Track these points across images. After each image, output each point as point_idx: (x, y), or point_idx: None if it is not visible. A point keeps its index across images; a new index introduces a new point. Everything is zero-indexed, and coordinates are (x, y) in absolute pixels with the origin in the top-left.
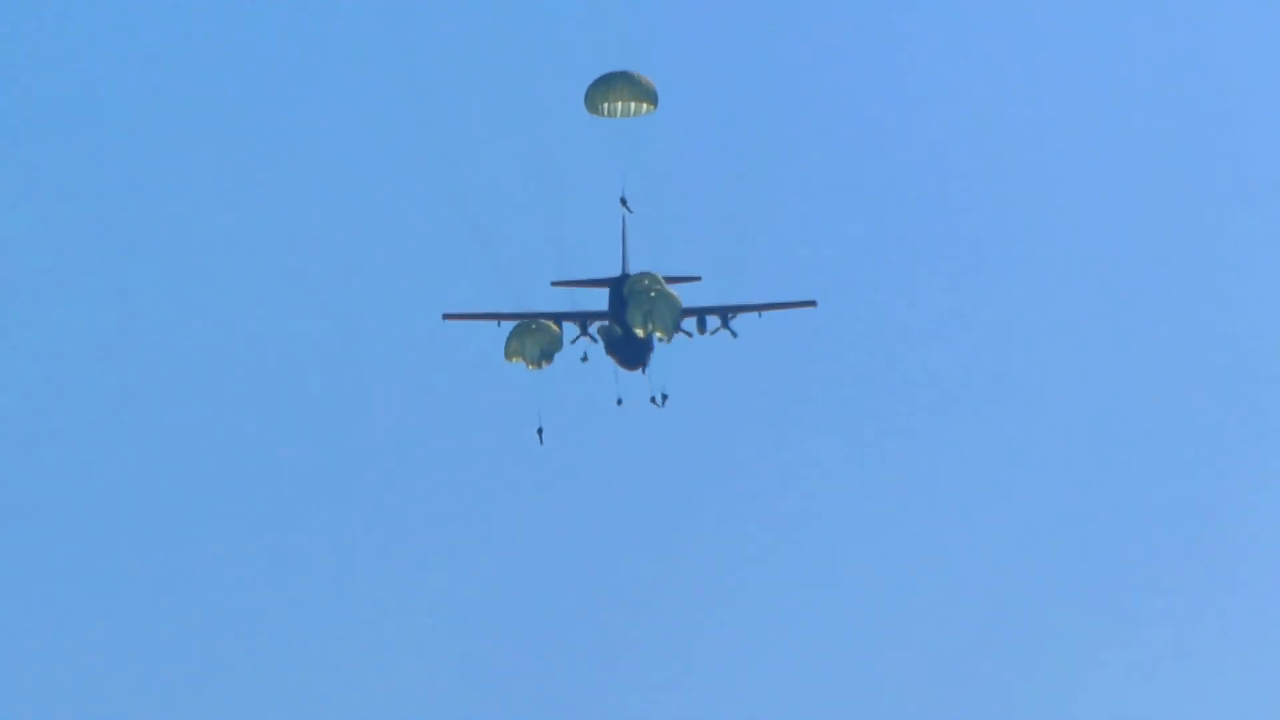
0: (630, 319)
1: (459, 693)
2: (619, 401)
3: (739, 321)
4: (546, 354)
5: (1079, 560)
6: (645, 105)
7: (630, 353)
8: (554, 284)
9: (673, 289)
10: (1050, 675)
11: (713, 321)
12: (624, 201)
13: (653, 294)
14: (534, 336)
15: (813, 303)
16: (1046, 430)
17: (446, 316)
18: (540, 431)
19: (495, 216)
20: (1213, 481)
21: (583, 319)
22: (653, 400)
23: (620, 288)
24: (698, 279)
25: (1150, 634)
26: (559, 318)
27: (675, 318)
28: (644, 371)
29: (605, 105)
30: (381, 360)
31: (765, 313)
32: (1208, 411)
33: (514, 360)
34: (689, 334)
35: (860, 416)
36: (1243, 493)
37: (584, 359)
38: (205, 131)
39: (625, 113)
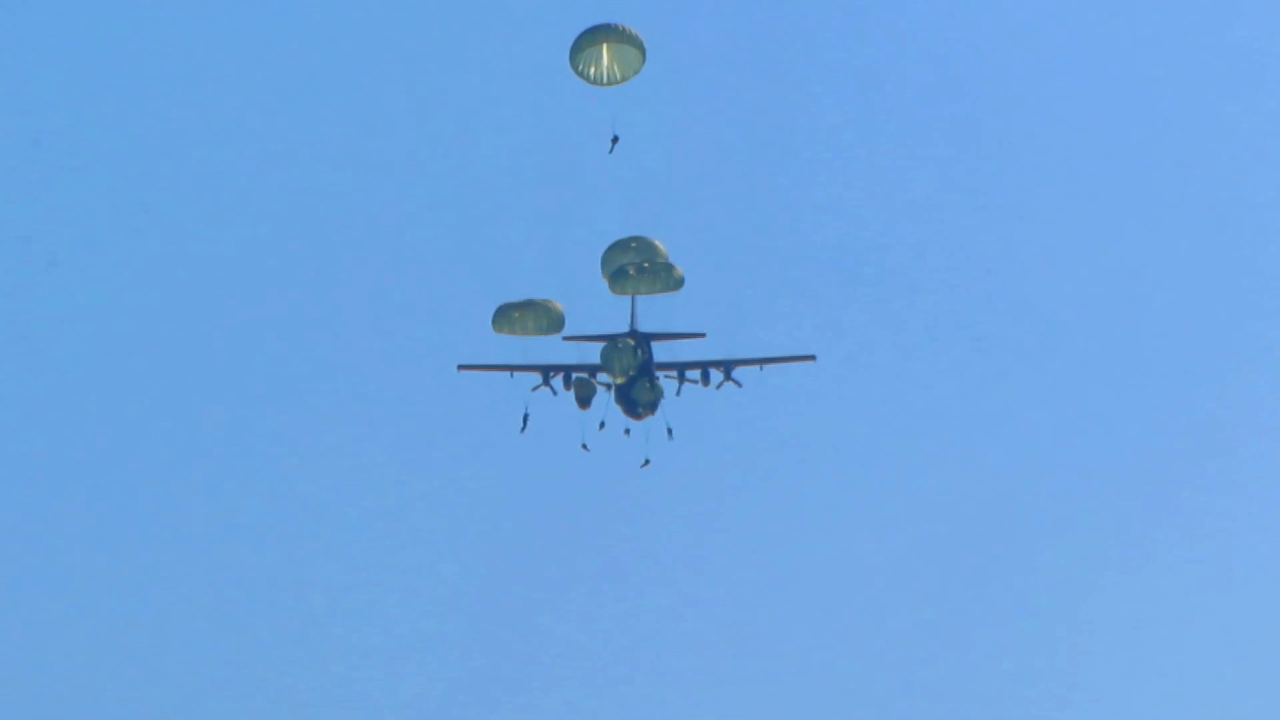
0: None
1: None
2: (626, 432)
3: (740, 373)
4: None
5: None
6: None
7: (634, 401)
8: (565, 339)
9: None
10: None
11: (716, 375)
12: (614, 140)
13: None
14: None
15: (812, 357)
16: (1042, 484)
17: (461, 367)
18: (526, 418)
19: (510, 272)
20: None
21: (592, 370)
22: (669, 431)
23: (624, 340)
24: (702, 335)
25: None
26: (570, 369)
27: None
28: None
29: (588, 65)
30: (398, 409)
31: (765, 366)
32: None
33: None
34: (694, 382)
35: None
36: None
37: (601, 425)
38: (217, 168)
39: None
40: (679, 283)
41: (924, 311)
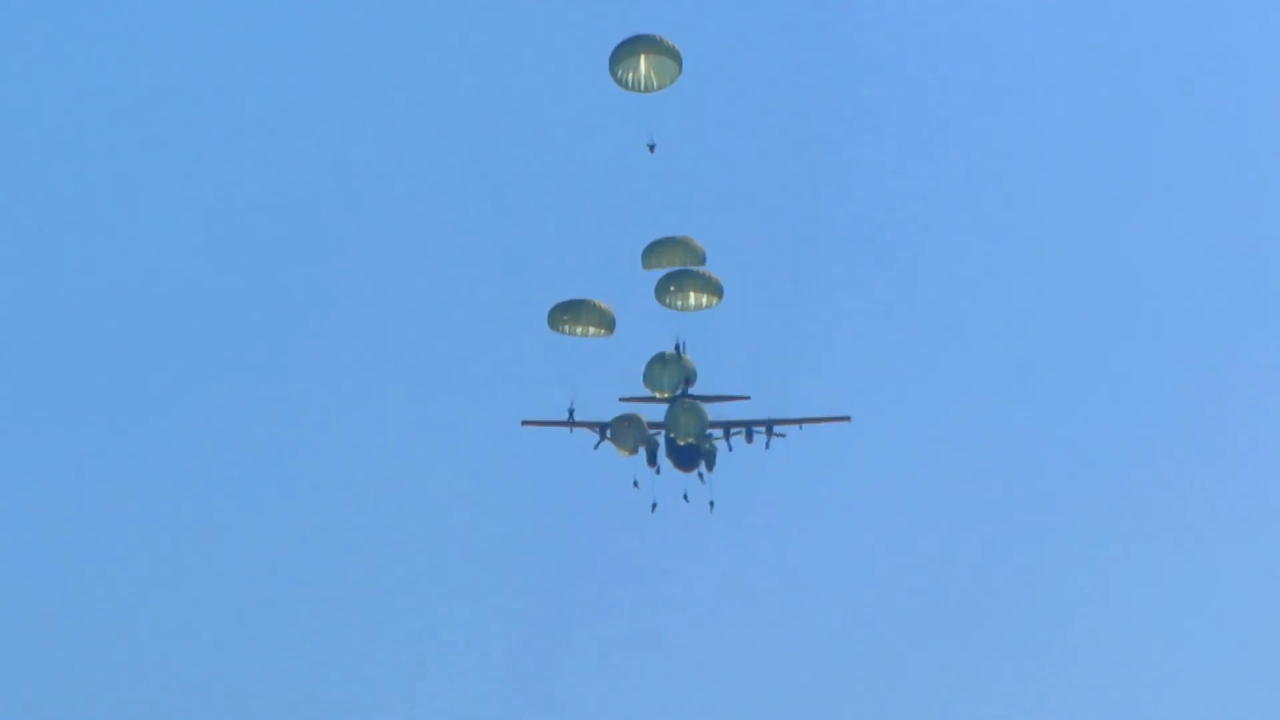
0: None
1: None
2: (653, 506)
3: (779, 432)
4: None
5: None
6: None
7: (685, 455)
8: (622, 399)
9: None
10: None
11: (758, 433)
12: (651, 148)
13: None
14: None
15: (847, 418)
16: (1071, 539)
17: (525, 423)
18: (571, 413)
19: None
20: None
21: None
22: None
23: (678, 402)
24: (747, 398)
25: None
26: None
27: (699, 424)
28: (701, 477)
29: (627, 73)
30: (464, 462)
31: (804, 426)
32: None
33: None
34: (731, 448)
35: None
36: None
37: (634, 485)
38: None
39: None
40: (719, 289)
41: (961, 362)
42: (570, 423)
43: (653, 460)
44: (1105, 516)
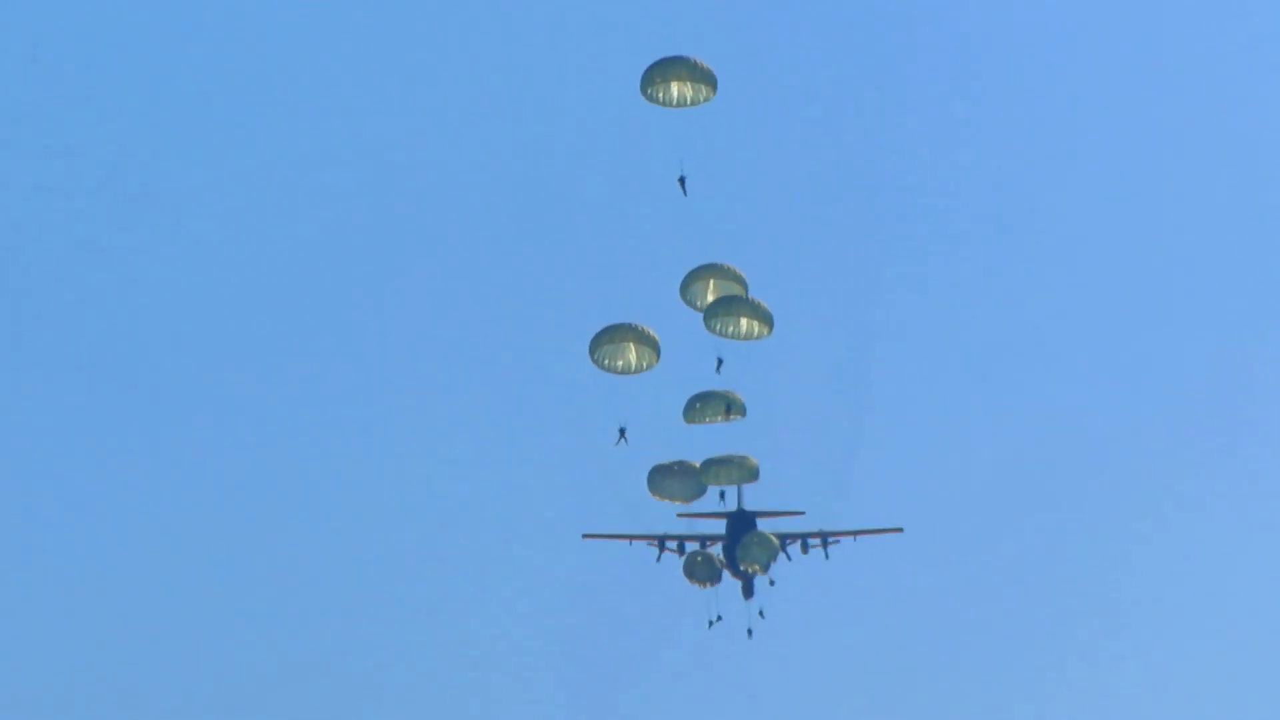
0: (738, 556)
1: None
2: (714, 620)
3: (834, 546)
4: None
5: None
6: (705, 90)
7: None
8: (679, 515)
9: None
10: None
11: (813, 544)
12: (682, 182)
13: (754, 540)
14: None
15: (899, 529)
16: (1126, 655)
17: (586, 536)
18: (622, 431)
19: (632, 455)
20: None
21: (703, 540)
22: (760, 613)
23: (734, 520)
24: (801, 513)
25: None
26: (683, 539)
27: (770, 556)
28: (748, 596)
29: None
30: (527, 575)
31: (858, 537)
32: None
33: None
34: (789, 558)
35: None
36: None
37: (717, 620)
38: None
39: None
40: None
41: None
42: (631, 535)
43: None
44: (1161, 623)
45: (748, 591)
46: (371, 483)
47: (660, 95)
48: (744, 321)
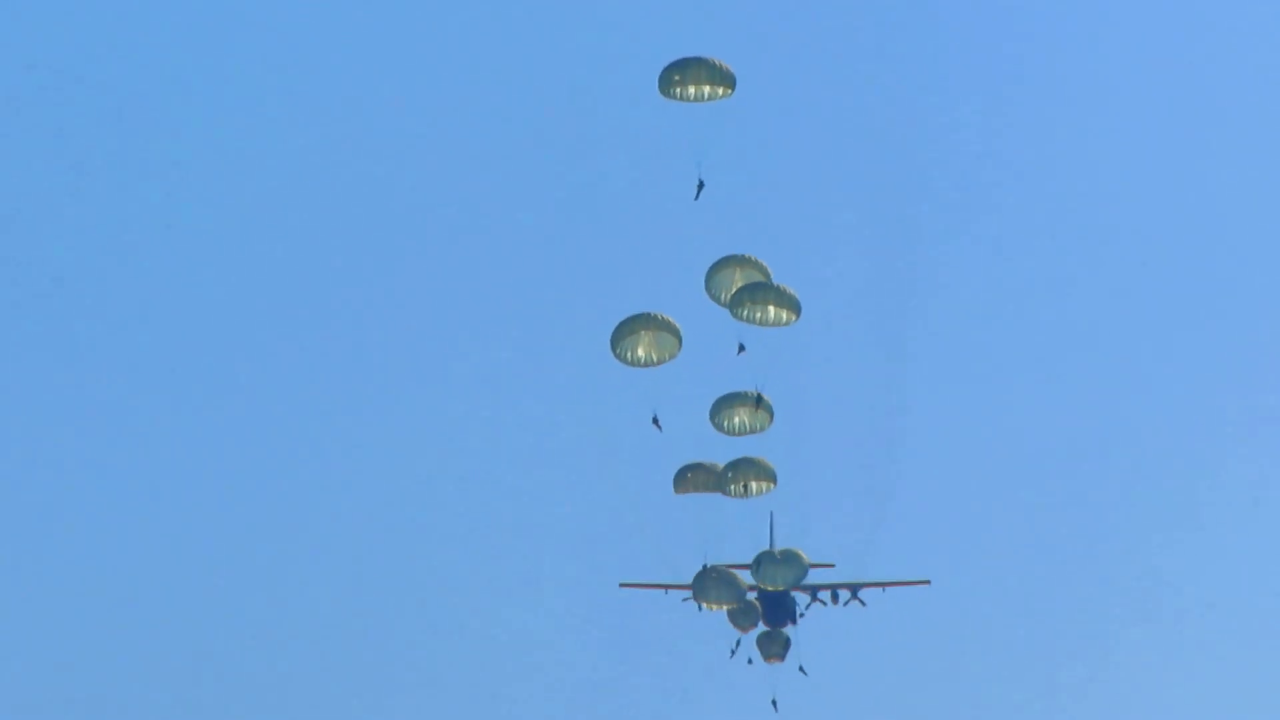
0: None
1: None
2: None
3: (864, 593)
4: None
5: None
6: (721, 90)
7: (774, 610)
8: (709, 566)
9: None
10: None
11: (844, 595)
12: (699, 186)
13: (778, 555)
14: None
15: (927, 581)
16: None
17: (623, 585)
18: (656, 419)
19: (663, 502)
20: None
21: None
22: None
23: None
24: (832, 565)
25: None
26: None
27: (797, 575)
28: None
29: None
30: (563, 624)
31: (886, 589)
32: None
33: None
34: (824, 603)
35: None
36: None
37: (741, 655)
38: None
39: (699, 97)
40: (797, 306)
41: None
42: (667, 585)
43: (750, 623)
44: (1195, 673)
45: (778, 650)
46: (410, 531)
47: (679, 93)
48: (771, 308)
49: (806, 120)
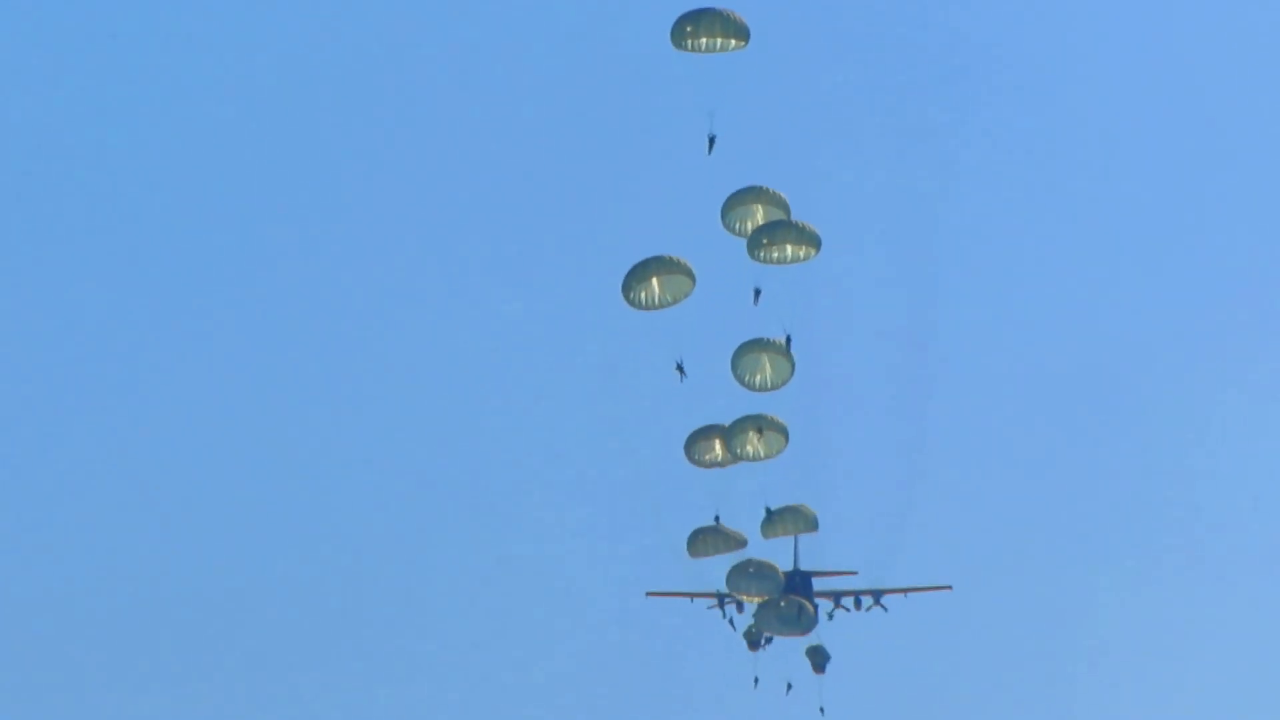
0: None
1: None
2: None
3: (886, 599)
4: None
5: None
6: (734, 41)
7: (794, 619)
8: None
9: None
10: None
11: (866, 601)
12: (711, 141)
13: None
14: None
15: (948, 587)
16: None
17: (649, 594)
18: (680, 366)
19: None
20: None
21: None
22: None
23: (792, 578)
24: (854, 573)
25: None
26: (739, 597)
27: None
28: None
29: (690, 42)
30: (592, 633)
31: (908, 594)
32: None
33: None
34: (847, 609)
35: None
36: None
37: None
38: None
39: (711, 48)
40: (817, 240)
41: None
42: (692, 594)
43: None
44: (1218, 678)
45: (818, 665)
46: (439, 540)
47: (690, 45)
48: (789, 247)
49: (819, 67)
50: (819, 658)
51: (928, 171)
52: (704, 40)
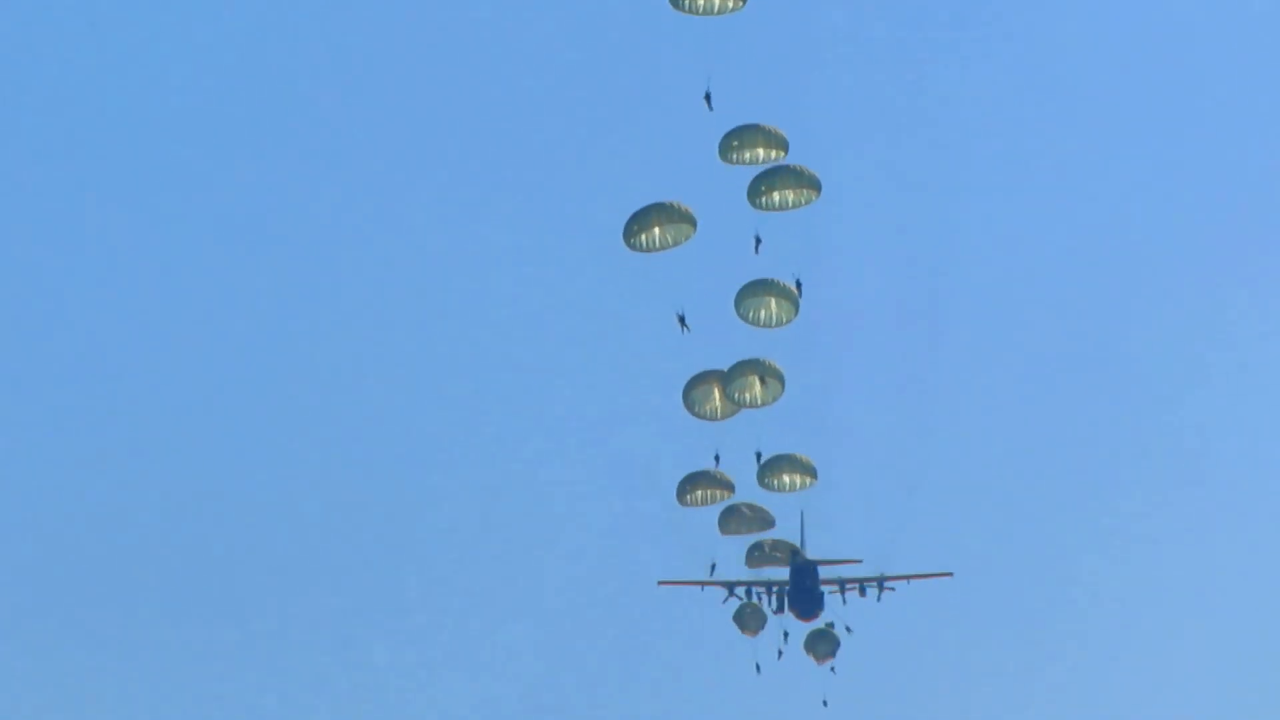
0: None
1: None
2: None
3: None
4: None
5: None
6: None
7: (804, 602)
8: (749, 565)
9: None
10: None
11: (870, 587)
12: (708, 98)
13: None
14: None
15: (950, 573)
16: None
17: (661, 583)
18: (682, 318)
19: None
20: None
21: (769, 586)
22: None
23: (797, 569)
24: (859, 561)
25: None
26: (751, 585)
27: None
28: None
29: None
30: (600, 619)
31: (911, 581)
32: None
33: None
34: (854, 590)
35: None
36: None
37: (780, 655)
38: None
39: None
40: (817, 184)
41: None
42: (703, 582)
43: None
44: (1220, 662)
45: (824, 654)
46: (454, 529)
47: (688, 5)
48: (790, 193)
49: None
50: (828, 644)
51: (935, 114)
52: (701, 2)
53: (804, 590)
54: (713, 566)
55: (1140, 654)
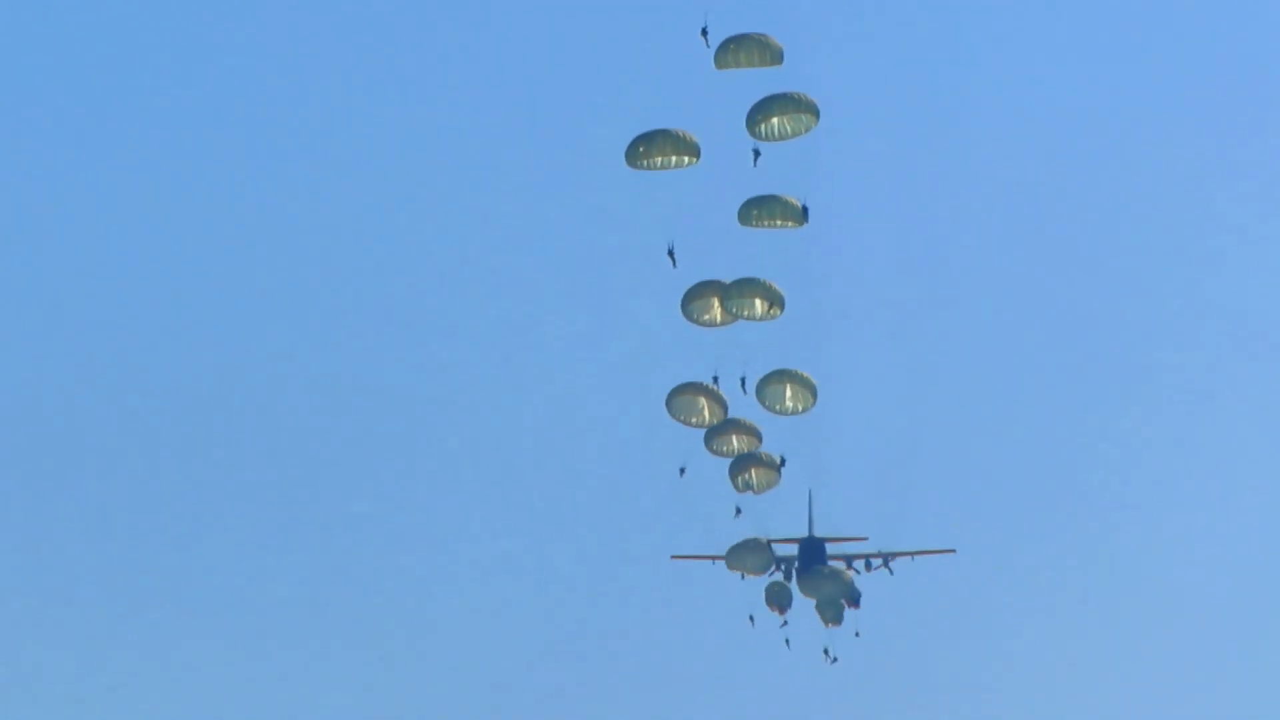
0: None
1: None
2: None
3: (894, 563)
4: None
5: None
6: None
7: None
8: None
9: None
10: None
11: (876, 563)
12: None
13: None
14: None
15: (953, 550)
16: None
17: (674, 557)
18: (671, 253)
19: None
20: None
21: (778, 561)
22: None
23: (805, 545)
24: (865, 539)
25: None
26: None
27: (840, 595)
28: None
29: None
30: (618, 594)
31: (916, 557)
32: None
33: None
34: (858, 571)
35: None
36: None
37: (784, 625)
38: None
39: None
40: (815, 109)
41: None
42: (715, 557)
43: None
44: (1223, 634)
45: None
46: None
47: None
48: (788, 119)
49: None
50: (850, 595)
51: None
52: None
53: (812, 564)
54: (682, 470)
55: (1142, 631)
